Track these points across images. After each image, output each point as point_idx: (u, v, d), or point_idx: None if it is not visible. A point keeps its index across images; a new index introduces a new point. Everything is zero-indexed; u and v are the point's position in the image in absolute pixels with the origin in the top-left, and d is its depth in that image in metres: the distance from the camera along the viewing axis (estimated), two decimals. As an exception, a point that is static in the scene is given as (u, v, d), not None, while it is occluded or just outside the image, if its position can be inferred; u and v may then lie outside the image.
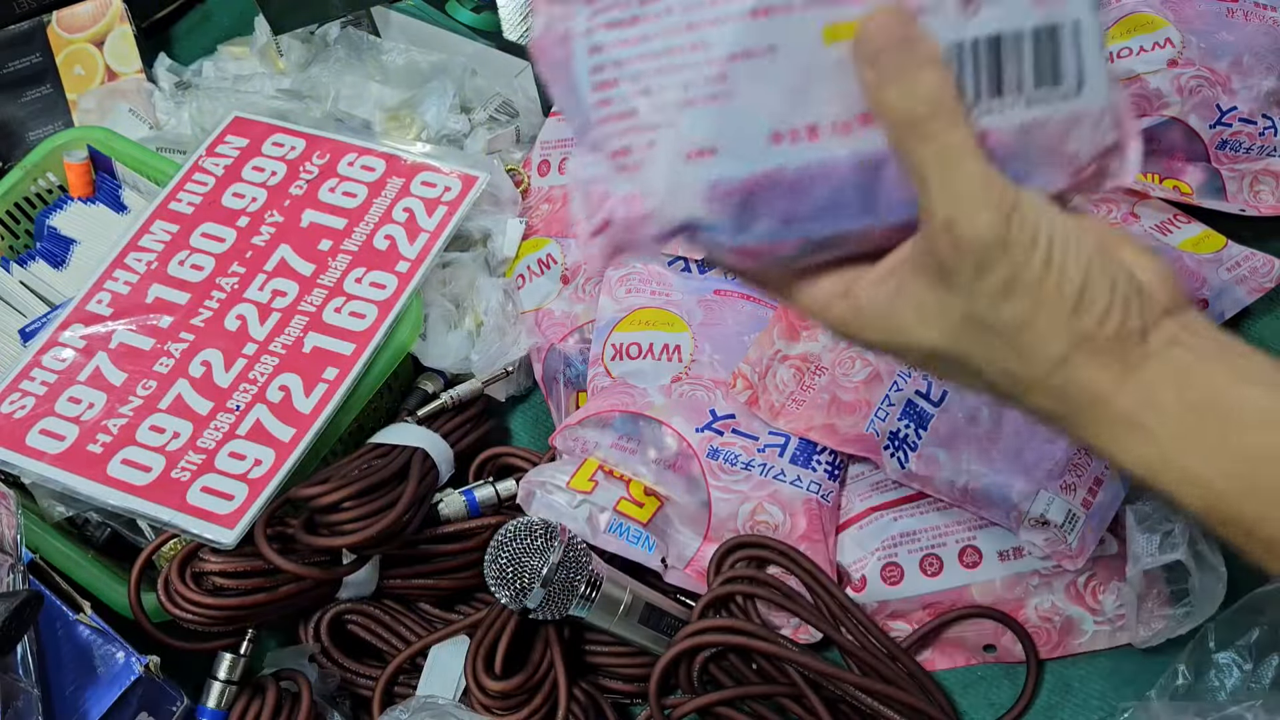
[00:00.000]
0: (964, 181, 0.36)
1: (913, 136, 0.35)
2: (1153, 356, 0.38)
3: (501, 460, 0.74)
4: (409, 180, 0.78)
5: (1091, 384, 0.38)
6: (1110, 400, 0.38)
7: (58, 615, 0.61)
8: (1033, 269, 0.36)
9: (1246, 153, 0.76)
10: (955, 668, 0.68)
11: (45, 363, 0.71)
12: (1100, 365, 0.37)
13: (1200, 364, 0.38)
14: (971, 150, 0.36)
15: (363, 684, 0.68)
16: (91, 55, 0.96)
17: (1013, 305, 0.37)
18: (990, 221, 0.35)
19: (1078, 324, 0.37)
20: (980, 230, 0.35)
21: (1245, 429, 0.37)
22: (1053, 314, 0.37)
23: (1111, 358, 0.37)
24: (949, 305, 0.38)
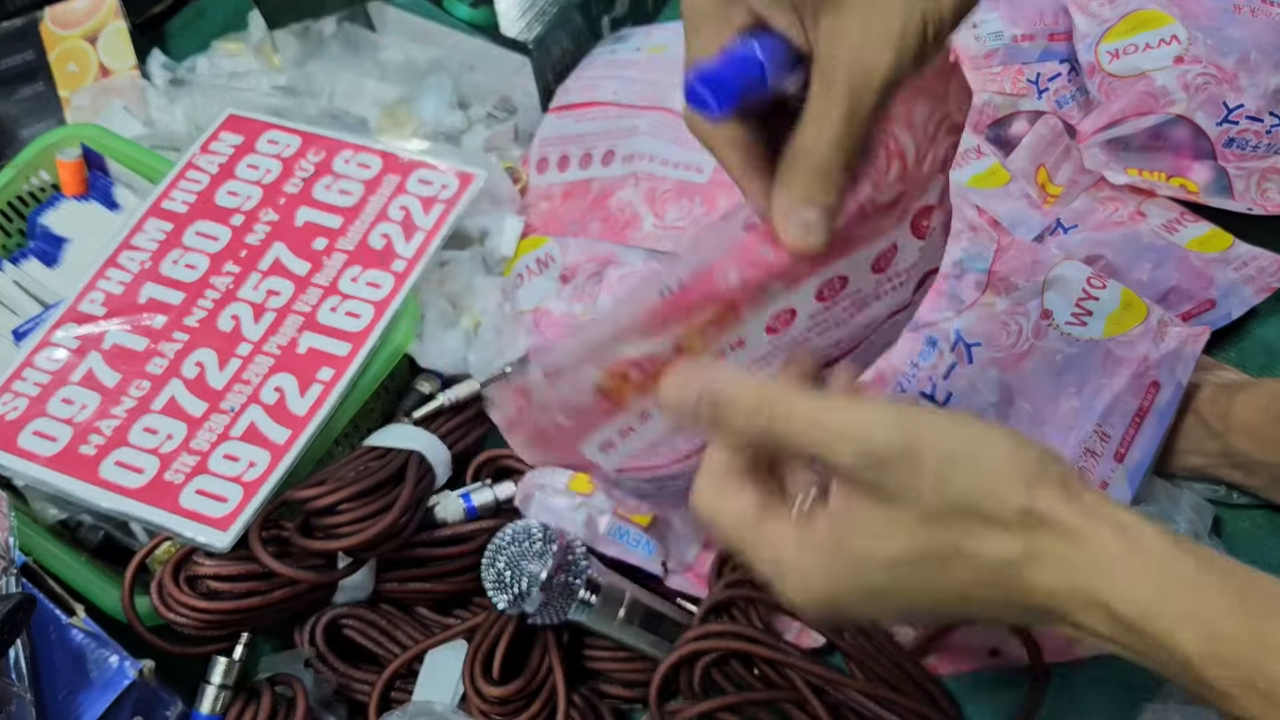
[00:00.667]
0: (836, 432, 0.36)
1: (771, 442, 0.37)
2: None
3: (499, 462, 0.73)
4: (405, 178, 0.77)
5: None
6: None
7: (51, 619, 0.61)
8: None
9: (1253, 150, 0.76)
10: (960, 672, 0.67)
11: (38, 363, 0.70)
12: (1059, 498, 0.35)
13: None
14: (810, 414, 0.36)
15: (359, 689, 0.67)
16: (85, 52, 0.95)
17: (959, 479, 0.35)
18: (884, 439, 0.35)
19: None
20: (878, 445, 0.35)
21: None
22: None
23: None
24: (897, 515, 0.36)
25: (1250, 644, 0.33)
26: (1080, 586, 0.35)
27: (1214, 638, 0.33)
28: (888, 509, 0.36)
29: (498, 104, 0.88)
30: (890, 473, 0.35)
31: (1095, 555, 0.34)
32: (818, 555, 0.37)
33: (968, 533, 0.35)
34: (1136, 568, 0.34)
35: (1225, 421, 0.66)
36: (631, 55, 0.87)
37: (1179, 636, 0.34)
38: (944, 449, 0.35)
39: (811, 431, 0.36)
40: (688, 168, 0.79)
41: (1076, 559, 0.35)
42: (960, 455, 0.35)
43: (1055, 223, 0.77)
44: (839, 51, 0.35)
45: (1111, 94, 0.77)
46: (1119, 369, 0.65)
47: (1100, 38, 0.79)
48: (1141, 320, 0.67)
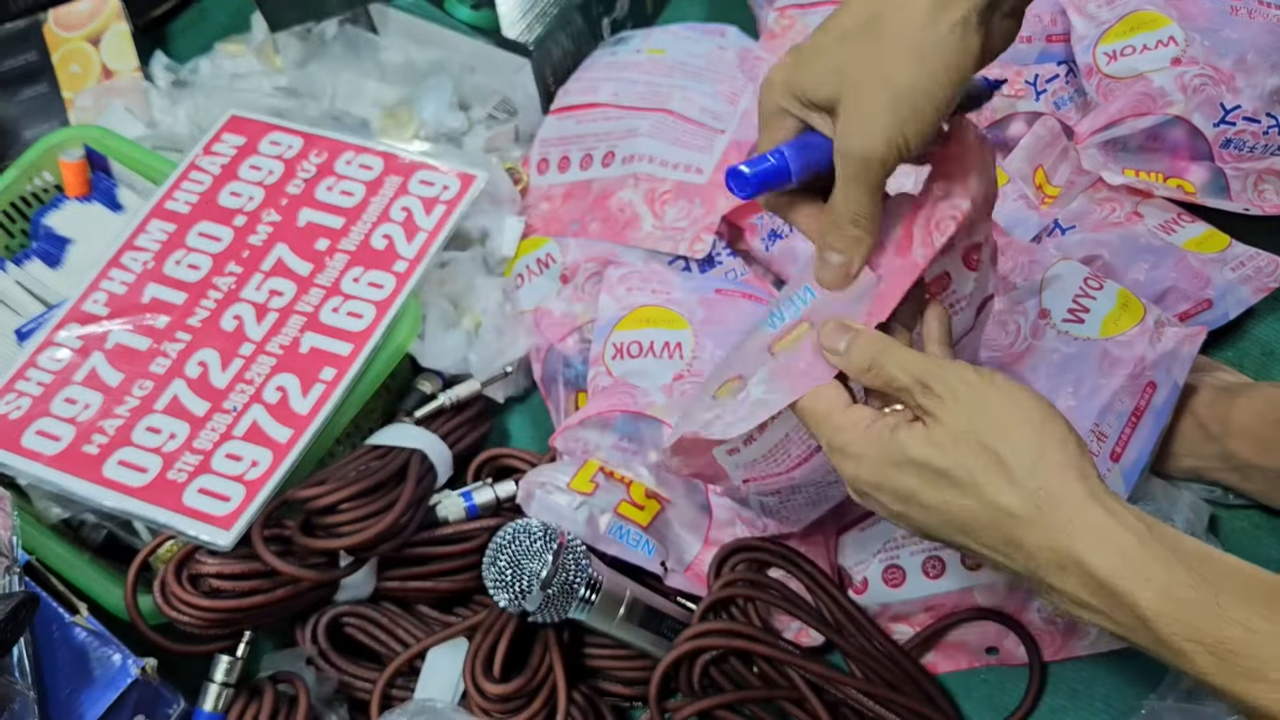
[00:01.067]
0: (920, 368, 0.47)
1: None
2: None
3: (500, 461, 0.74)
4: (407, 179, 0.78)
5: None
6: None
7: (54, 617, 0.61)
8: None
9: (1250, 151, 0.76)
10: (958, 670, 0.67)
11: (41, 363, 0.71)
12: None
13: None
14: (905, 354, 0.47)
15: (360, 687, 0.67)
16: (88, 53, 0.95)
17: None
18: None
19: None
20: (938, 379, 0.46)
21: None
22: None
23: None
24: (937, 432, 0.45)
25: (1203, 608, 0.39)
26: (1062, 547, 0.41)
27: (1172, 600, 0.39)
28: (934, 426, 0.45)
29: (498, 105, 0.88)
30: (939, 401, 0.45)
31: (1082, 527, 0.41)
32: (874, 444, 0.46)
33: (985, 468, 0.43)
34: (1114, 540, 0.41)
35: (1223, 425, 0.66)
36: (631, 57, 0.87)
37: (1140, 596, 0.40)
38: (989, 394, 0.44)
39: (896, 362, 0.47)
40: (687, 169, 0.79)
41: (1065, 527, 0.41)
42: (998, 403, 0.44)
43: (1053, 223, 0.77)
44: (846, 144, 0.46)
45: (1109, 95, 0.77)
46: (1116, 369, 0.65)
47: (1098, 39, 0.79)
48: (1138, 320, 0.67)
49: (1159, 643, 0.40)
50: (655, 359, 0.71)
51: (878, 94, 0.45)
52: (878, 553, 0.67)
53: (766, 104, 0.49)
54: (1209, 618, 0.39)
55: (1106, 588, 0.40)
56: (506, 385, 0.78)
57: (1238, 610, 0.38)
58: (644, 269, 0.76)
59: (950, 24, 0.44)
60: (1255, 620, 0.38)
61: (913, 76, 0.44)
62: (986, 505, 0.43)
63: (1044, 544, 0.42)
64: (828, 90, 0.46)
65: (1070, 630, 0.66)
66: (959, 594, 0.66)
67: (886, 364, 0.47)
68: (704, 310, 0.73)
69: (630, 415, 0.68)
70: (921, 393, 0.45)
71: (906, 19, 0.44)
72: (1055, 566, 0.42)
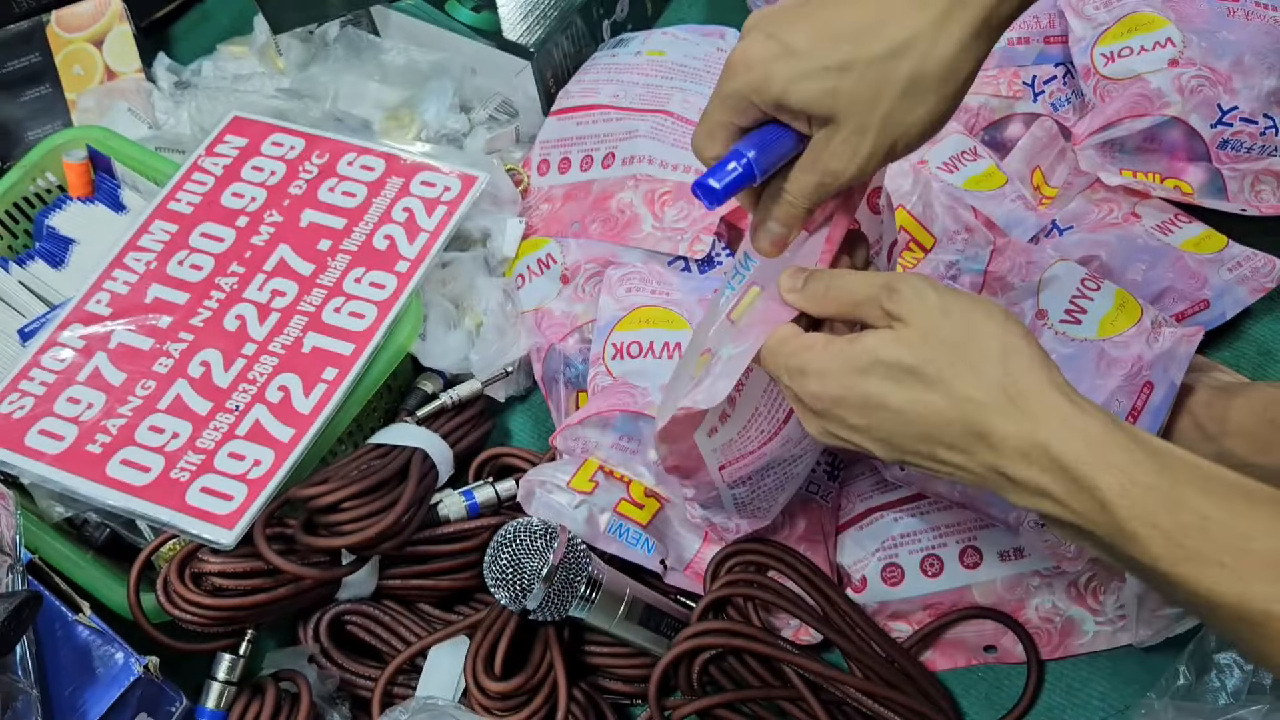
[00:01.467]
0: (871, 278, 0.49)
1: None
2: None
3: (501, 461, 0.74)
4: (408, 180, 0.78)
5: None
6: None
7: (57, 616, 0.61)
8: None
9: (1248, 152, 0.76)
10: (956, 668, 0.68)
11: (44, 363, 0.71)
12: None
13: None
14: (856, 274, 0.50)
15: (362, 685, 0.68)
16: (90, 55, 0.95)
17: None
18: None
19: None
20: (900, 281, 0.47)
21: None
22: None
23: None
24: (904, 333, 0.46)
25: (1162, 494, 0.40)
26: (1027, 434, 0.42)
27: (1132, 484, 0.40)
28: (900, 328, 0.45)
29: (499, 107, 0.89)
30: (906, 301, 0.45)
31: (1047, 414, 0.42)
32: (836, 356, 0.46)
33: (952, 362, 0.44)
34: (1078, 426, 0.42)
35: (1220, 425, 0.66)
36: (631, 59, 0.87)
37: (1101, 480, 0.40)
38: (951, 299, 0.45)
39: (856, 279, 0.48)
40: (686, 170, 0.79)
41: (1032, 414, 0.42)
42: (961, 306, 0.45)
43: (1050, 224, 0.78)
44: (820, 157, 0.47)
45: (1107, 96, 0.78)
46: (1113, 369, 0.65)
47: (1095, 41, 0.79)
48: (1135, 321, 0.67)
49: (1115, 528, 0.40)
50: (655, 359, 0.72)
51: (872, 128, 0.46)
52: (876, 551, 0.67)
53: (738, 90, 0.48)
54: (1167, 504, 0.40)
55: (1069, 473, 0.41)
56: (507, 385, 0.79)
57: (1195, 499, 0.40)
58: (644, 269, 0.76)
59: (956, 44, 0.45)
60: (1211, 509, 0.39)
61: (911, 115, 0.46)
62: (954, 399, 0.43)
63: (1010, 432, 0.42)
64: (821, 109, 0.46)
65: (1067, 629, 0.67)
66: (957, 592, 0.67)
67: (845, 282, 0.48)
68: (704, 310, 0.73)
69: (630, 415, 0.68)
70: (888, 298, 0.46)
71: (909, 38, 0.45)
72: (1019, 455, 0.42)
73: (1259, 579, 0.38)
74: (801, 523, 0.68)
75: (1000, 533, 0.66)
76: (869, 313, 0.47)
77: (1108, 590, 0.66)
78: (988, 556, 0.66)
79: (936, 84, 0.45)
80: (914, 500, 0.68)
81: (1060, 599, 0.66)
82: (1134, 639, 0.65)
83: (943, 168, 0.77)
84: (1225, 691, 0.60)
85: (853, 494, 0.70)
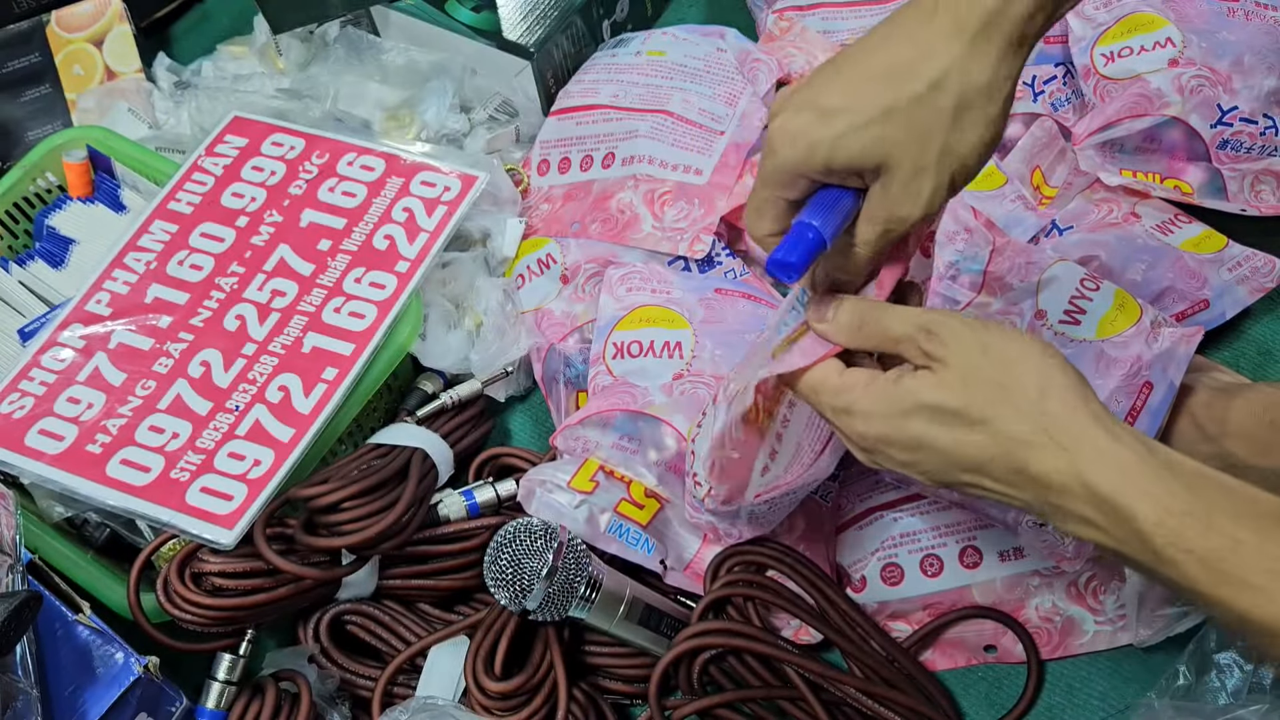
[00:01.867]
0: (911, 317, 0.49)
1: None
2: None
3: (501, 461, 0.74)
4: (408, 180, 0.78)
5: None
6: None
7: (57, 616, 0.61)
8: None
9: (1247, 152, 0.76)
10: (956, 668, 0.68)
11: (44, 363, 0.71)
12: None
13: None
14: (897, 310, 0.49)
15: (362, 685, 0.68)
16: (90, 55, 0.95)
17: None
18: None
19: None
20: (938, 324, 0.48)
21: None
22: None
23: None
24: (944, 376, 0.47)
25: (1195, 520, 0.41)
26: (1066, 467, 0.44)
27: (1167, 512, 0.42)
28: (939, 371, 0.46)
29: (499, 107, 0.89)
30: (944, 344, 0.46)
31: (1083, 446, 0.44)
32: (880, 399, 0.48)
33: (994, 402, 0.45)
34: (1113, 458, 0.43)
35: (1220, 426, 0.66)
36: (631, 59, 0.87)
37: (1138, 509, 0.42)
38: (987, 336, 0.47)
39: (892, 316, 0.49)
40: (686, 170, 0.79)
41: (1071, 449, 0.44)
42: (998, 343, 0.46)
43: (1050, 224, 0.78)
44: (883, 205, 0.47)
45: (1106, 96, 0.78)
46: (1112, 369, 0.65)
47: (1095, 41, 0.79)
48: (1135, 321, 0.67)
49: (1154, 555, 0.42)
50: (655, 358, 0.72)
51: (930, 166, 0.46)
52: (875, 551, 0.67)
53: (781, 165, 0.47)
54: (1200, 529, 0.41)
55: (1108, 504, 0.43)
56: (507, 385, 0.79)
57: (1227, 523, 0.41)
58: (644, 269, 0.76)
59: (992, 66, 0.45)
60: (1242, 533, 0.41)
61: (964, 144, 0.46)
62: (998, 437, 0.45)
63: (1051, 467, 0.44)
64: (872, 161, 0.46)
65: (1067, 628, 0.67)
66: (957, 592, 0.67)
67: (880, 318, 0.49)
68: (704, 310, 0.73)
69: (630, 414, 0.68)
70: (926, 339, 0.47)
71: (946, 69, 0.44)
72: (1062, 488, 0.44)
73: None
74: (801, 523, 0.68)
75: (1000, 533, 0.66)
76: (907, 350, 0.48)
77: (1108, 590, 0.66)
78: (987, 556, 0.66)
79: (982, 108, 0.45)
80: (913, 500, 0.68)
81: (1060, 599, 0.66)
82: (1134, 639, 0.65)
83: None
84: (1225, 691, 0.60)
85: (852, 494, 0.70)
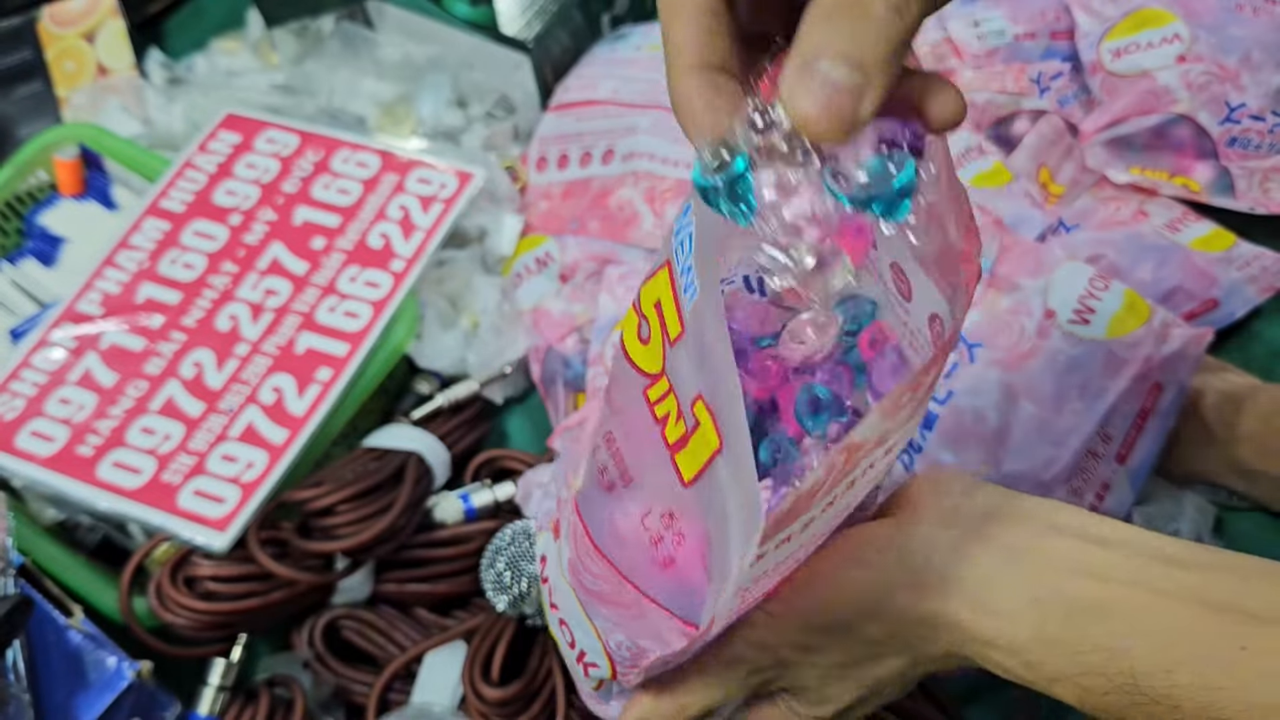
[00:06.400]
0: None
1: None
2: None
3: (499, 463, 0.73)
4: (404, 177, 0.77)
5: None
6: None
7: (48, 620, 0.60)
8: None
9: (1256, 150, 0.75)
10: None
11: (35, 363, 0.70)
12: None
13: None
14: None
15: (357, 691, 0.67)
16: (82, 50, 0.94)
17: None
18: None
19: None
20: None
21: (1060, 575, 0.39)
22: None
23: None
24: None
25: (1058, 655, 0.39)
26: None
27: (1039, 642, 0.39)
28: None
29: (497, 102, 0.88)
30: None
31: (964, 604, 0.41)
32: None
33: (853, 630, 0.43)
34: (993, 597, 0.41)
35: (1230, 430, 0.66)
36: (631, 54, 0.86)
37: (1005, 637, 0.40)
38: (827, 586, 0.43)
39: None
40: (687, 166, 0.78)
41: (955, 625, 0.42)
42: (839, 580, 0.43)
43: (1057, 222, 0.77)
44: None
45: (1114, 93, 0.77)
46: (1122, 370, 0.65)
47: (1102, 36, 0.78)
48: (1145, 321, 0.66)
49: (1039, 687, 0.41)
50: (655, 359, 0.71)
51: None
52: (880, 556, 0.66)
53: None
54: (1062, 660, 0.39)
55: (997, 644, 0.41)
56: (505, 386, 0.78)
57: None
58: (644, 268, 0.75)
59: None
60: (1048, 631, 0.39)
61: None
62: (894, 621, 0.43)
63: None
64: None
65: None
66: (962, 597, 0.66)
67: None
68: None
69: (630, 416, 0.68)
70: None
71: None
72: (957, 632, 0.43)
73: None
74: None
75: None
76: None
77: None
78: (993, 560, 0.66)
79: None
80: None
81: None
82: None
83: (947, 165, 0.76)
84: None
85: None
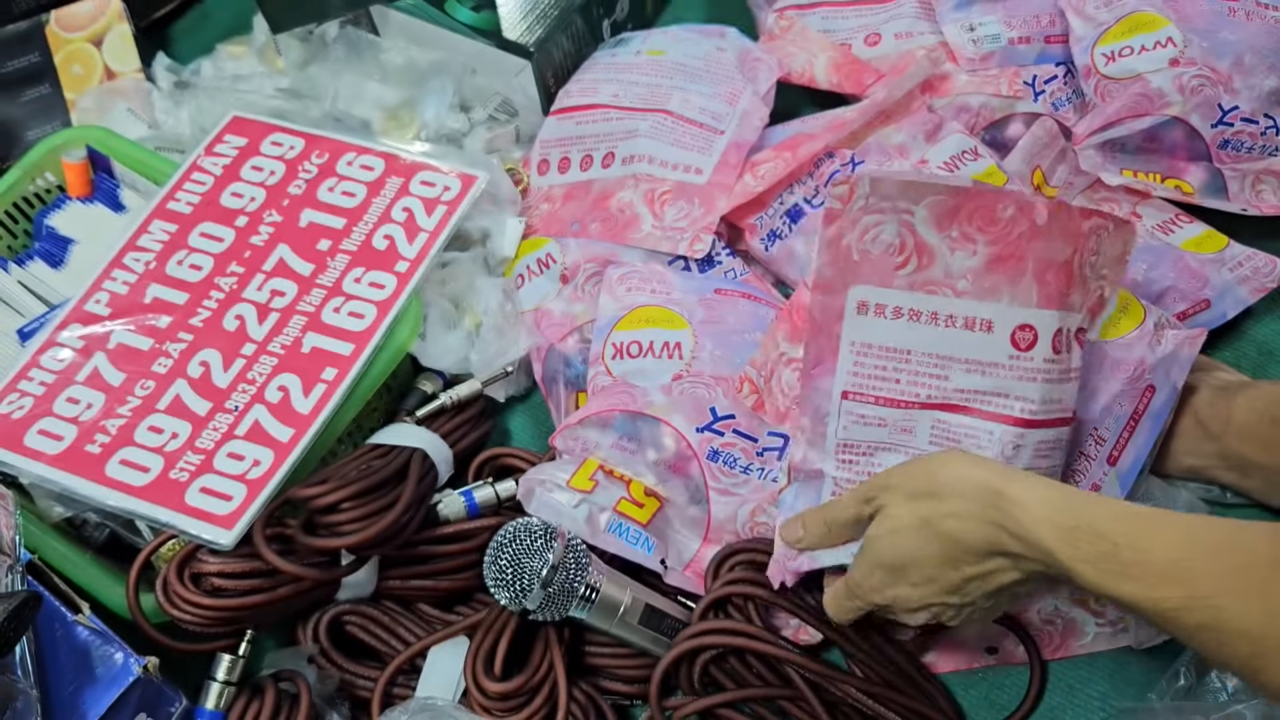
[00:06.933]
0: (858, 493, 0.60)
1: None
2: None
3: (501, 461, 0.74)
4: (408, 180, 0.78)
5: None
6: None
7: (56, 616, 0.61)
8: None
9: (1248, 152, 0.76)
10: (958, 670, 0.67)
11: (43, 363, 0.71)
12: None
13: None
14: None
15: (362, 685, 0.67)
16: (90, 54, 0.95)
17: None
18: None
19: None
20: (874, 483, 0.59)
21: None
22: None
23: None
24: (889, 510, 0.56)
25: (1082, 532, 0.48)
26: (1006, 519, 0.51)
27: (1061, 530, 0.49)
28: (886, 509, 0.56)
29: (499, 106, 0.88)
30: (881, 491, 0.56)
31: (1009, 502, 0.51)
32: (865, 568, 0.58)
33: (938, 501, 0.53)
34: (1031, 502, 0.51)
35: (1223, 424, 0.66)
36: (631, 59, 0.87)
37: (1045, 535, 0.50)
38: (909, 464, 0.57)
39: (841, 504, 0.60)
40: (687, 169, 0.79)
41: (1001, 507, 0.51)
42: (920, 461, 0.56)
43: (1052, 224, 0.77)
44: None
45: (1107, 96, 0.78)
46: (1115, 372, 0.65)
47: (1096, 40, 0.79)
48: (1139, 323, 0.67)
49: (1060, 568, 0.50)
50: (655, 359, 0.71)
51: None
52: (877, 551, 0.67)
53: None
54: (1088, 539, 0.48)
55: (1025, 539, 0.51)
56: (507, 385, 0.78)
57: (1107, 530, 0.48)
58: (644, 269, 0.76)
59: None
60: (1118, 536, 0.48)
61: None
62: (962, 497, 0.53)
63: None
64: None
65: (1068, 630, 0.66)
66: (958, 593, 0.66)
67: (830, 515, 0.60)
68: (704, 310, 0.73)
69: (629, 415, 0.68)
70: (867, 504, 0.57)
71: None
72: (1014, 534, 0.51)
73: (1160, 585, 0.46)
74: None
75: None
76: (865, 523, 0.57)
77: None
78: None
79: None
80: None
81: (1062, 601, 0.66)
82: (1134, 641, 0.65)
83: (944, 167, 0.77)
84: (1225, 691, 0.60)
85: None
